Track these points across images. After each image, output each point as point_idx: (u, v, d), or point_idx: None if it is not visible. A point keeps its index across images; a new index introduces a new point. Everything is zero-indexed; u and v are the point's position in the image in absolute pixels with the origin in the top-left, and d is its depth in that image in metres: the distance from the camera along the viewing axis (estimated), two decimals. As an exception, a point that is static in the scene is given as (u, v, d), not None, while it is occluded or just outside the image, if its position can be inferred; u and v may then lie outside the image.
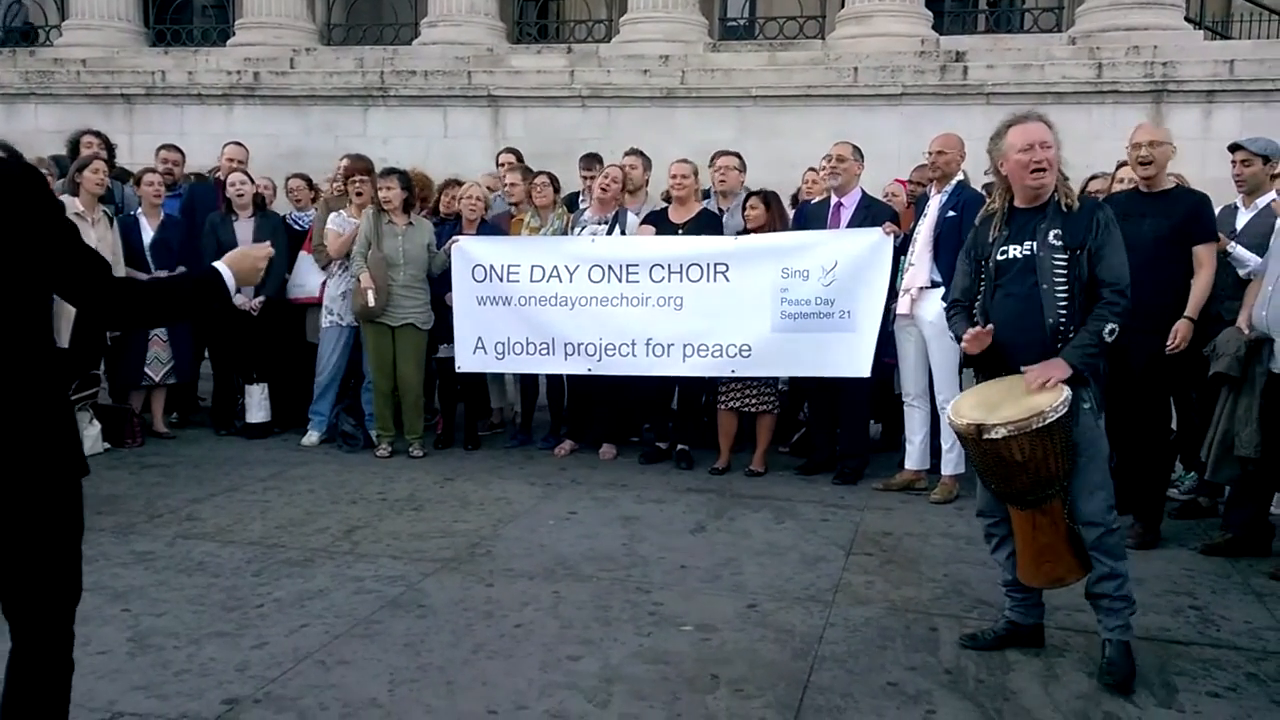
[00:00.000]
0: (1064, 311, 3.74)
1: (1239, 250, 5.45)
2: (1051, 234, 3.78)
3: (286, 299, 7.75)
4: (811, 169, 7.58)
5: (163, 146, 8.72)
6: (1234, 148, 5.75)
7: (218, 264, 2.77)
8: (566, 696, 3.55)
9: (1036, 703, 3.54)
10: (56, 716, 2.57)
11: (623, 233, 7.00)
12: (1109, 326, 3.69)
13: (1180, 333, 5.14)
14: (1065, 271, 3.75)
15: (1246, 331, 5.02)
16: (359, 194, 7.43)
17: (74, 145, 8.02)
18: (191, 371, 7.96)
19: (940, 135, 6.18)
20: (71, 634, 2.60)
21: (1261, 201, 5.53)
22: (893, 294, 6.27)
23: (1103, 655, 3.72)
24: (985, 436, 3.60)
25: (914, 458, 6.35)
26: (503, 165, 8.35)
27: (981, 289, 3.94)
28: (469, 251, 7.00)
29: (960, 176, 6.10)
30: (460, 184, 7.64)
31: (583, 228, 7.14)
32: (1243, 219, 5.63)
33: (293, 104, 11.84)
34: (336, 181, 7.79)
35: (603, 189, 7.07)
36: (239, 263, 2.81)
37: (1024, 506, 3.72)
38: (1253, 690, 3.67)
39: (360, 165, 7.64)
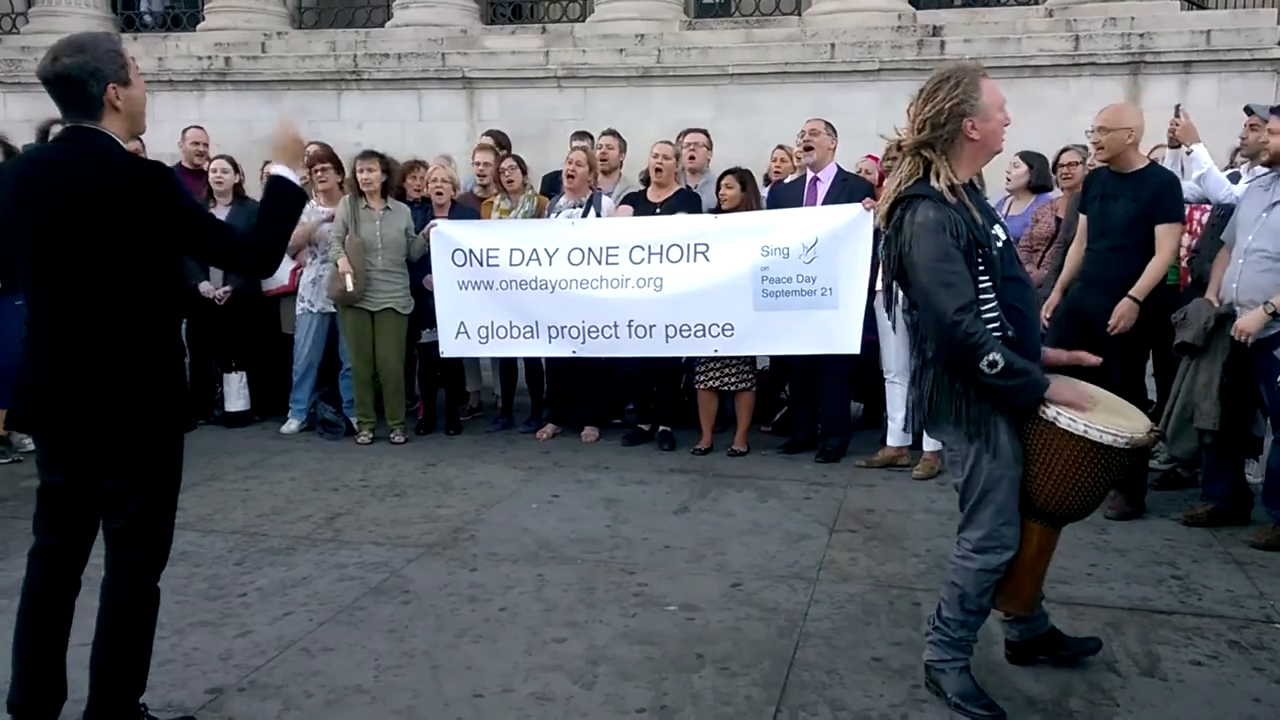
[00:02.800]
0: None
1: (1199, 150, 5.44)
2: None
3: (260, 290, 7.67)
4: (780, 146, 7.53)
5: None
6: (1248, 110, 5.73)
7: (271, 168, 3.11)
8: (552, 679, 3.56)
9: (1021, 675, 3.56)
10: (144, 641, 3.01)
11: (598, 215, 6.96)
12: None
13: (1122, 314, 5.11)
14: None
15: (1217, 304, 5.03)
16: (322, 181, 7.37)
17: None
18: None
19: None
20: (163, 559, 3.03)
21: (1260, 170, 5.50)
22: (873, 269, 6.26)
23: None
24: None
25: (896, 434, 6.34)
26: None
27: (984, 285, 3.06)
28: (448, 235, 6.94)
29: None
30: (425, 165, 7.56)
31: (558, 212, 7.09)
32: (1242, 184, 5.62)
33: (265, 89, 11.70)
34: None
35: (569, 174, 7.01)
36: (280, 154, 3.14)
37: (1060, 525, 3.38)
38: (1235, 658, 3.71)
39: (324, 153, 7.56)
